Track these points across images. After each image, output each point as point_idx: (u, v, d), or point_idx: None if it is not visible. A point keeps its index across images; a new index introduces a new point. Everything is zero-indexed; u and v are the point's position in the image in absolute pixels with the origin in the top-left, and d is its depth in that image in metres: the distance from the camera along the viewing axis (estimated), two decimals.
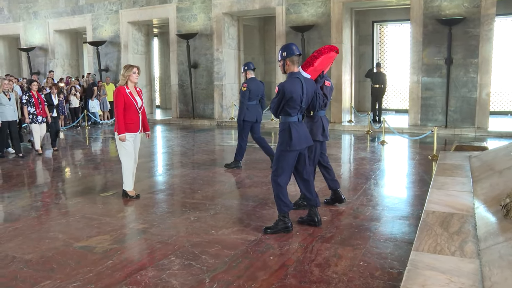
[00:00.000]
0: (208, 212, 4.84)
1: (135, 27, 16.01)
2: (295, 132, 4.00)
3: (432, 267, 2.87)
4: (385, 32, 16.38)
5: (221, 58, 14.26)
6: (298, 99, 3.97)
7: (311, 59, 4.34)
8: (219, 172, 7.01)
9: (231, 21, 14.50)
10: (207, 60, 14.52)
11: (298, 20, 13.03)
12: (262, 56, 17.94)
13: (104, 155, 9.25)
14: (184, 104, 15.16)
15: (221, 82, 14.38)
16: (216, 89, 14.47)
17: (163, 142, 11.03)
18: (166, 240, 3.99)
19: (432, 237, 3.40)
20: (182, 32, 14.61)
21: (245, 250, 3.75)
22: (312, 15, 12.89)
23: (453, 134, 10.97)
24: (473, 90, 11.31)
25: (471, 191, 4.73)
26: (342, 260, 3.51)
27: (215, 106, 14.58)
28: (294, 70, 4.05)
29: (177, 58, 14.98)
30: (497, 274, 2.59)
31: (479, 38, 11.03)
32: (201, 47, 14.54)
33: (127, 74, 5.26)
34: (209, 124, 14.12)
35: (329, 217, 4.61)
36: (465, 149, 7.48)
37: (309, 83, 4.15)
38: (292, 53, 4.02)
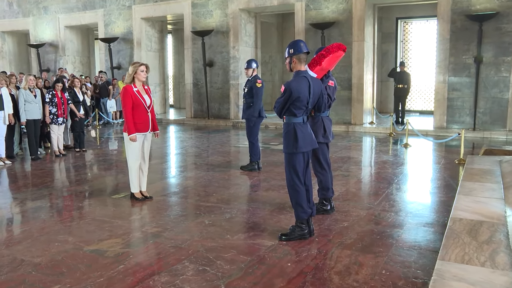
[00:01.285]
0: (223, 216, 4.85)
1: (149, 23, 16.16)
2: (300, 133, 3.97)
3: (459, 278, 2.82)
4: (410, 29, 16.23)
5: (237, 56, 14.29)
6: (305, 100, 3.92)
7: (318, 57, 4.32)
8: (235, 175, 7.02)
9: (248, 17, 14.53)
10: (223, 58, 14.57)
11: (318, 17, 12.99)
12: (279, 54, 17.93)
13: (116, 155, 9.34)
14: (198, 103, 15.23)
15: (237, 81, 14.41)
16: (232, 88, 14.50)
17: (177, 142, 11.10)
18: (179, 245, 4.00)
19: (460, 246, 3.34)
20: (197, 29, 14.69)
21: (261, 256, 3.74)
22: (332, 12, 12.83)
23: (481, 137, 10.80)
24: (504, 90, 11.11)
25: (502, 197, 4.65)
26: (363, 268, 3.47)
27: (230, 106, 14.61)
28: (301, 68, 3.99)
29: (191, 56, 15.07)
30: None
31: None
32: (216, 44, 14.60)
33: (133, 71, 5.25)
34: (225, 125, 14.15)
35: (349, 223, 4.57)
36: (495, 153, 7.36)
37: (316, 82, 4.07)
38: (299, 50, 3.96)
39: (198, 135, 12.03)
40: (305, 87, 3.92)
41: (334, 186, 5.37)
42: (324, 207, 4.88)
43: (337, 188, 5.88)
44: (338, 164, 7.61)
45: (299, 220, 4.09)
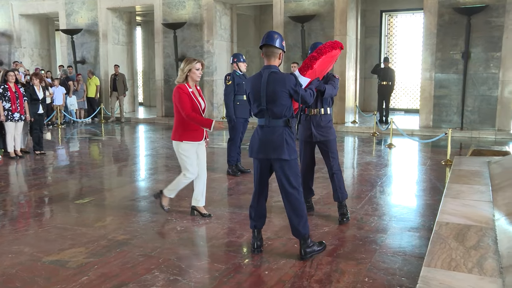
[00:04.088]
0: (197, 222, 4.83)
1: (116, 14, 15.98)
2: (252, 137, 3.93)
3: (446, 285, 2.86)
4: (395, 23, 16.45)
5: (212, 50, 14.26)
6: (254, 98, 3.82)
7: (309, 60, 4.12)
8: (209, 177, 6.95)
9: (223, 9, 14.51)
10: (196, 53, 14.50)
11: (298, 9, 13.06)
12: (257, 48, 17.92)
13: (80, 157, 9.20)
14: (170, 101, 15.11)
15: (211, 77, 14.38)
16: (206, 85, 14.46)
17: (147, 143, 11.00)
18: (149, 253, 3.97)
19: (446, 251, 3.40)
20: (168, 21, 14.61)
21: (237, 264, 3.74)
22: (313, 4, 12.91)
23: (469, 137, 11.02)
24: (494, 87, 11.35)
25: (490, 200, 4.74)
26: (345, 276, 3.50)
27: None
28: (266, 63, 3.84)
29: (163, 50, 14.97)
30: None
31: (503, 28, 11.03)
32: (189, 38, 14.54)
33: (187, 69, 4.71)
34: None
35: (330, 228, 4.60)
36: (484, 154, 7.51)
37: (276, 78, 3.74)
38: (260, 43, 3.88)
39: (169, 135, 11.88)
40: (255, 83, 3.77)
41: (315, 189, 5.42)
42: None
43: (317, 192, 5.91)
44: (319, 166, 7.63)
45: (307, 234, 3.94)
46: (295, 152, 3.82)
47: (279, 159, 3.76)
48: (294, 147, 3.82)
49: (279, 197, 5.73)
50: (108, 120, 15.16)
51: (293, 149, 3.79)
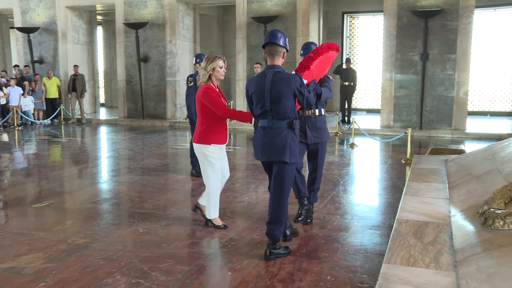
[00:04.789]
0: (160, 223, 4.78)
1: (75, 13, 15.65)
2: (254, 138, 3.95)
3: (405, 281, 2.93)
4: (356, 24, 16.72)
5: (174, 51, 14.15)
6: (257, 98, 3.79)
7: (306, 61, 4.10)
8: (172, 179, 6.94)
9: (186, 9, 14.43)
10: (159, 53, 14.37)
11: (261, 10, 13.11)
12: (221, 49, 17.92)
13: (38, 160, 8.96)
14: (132, 102, 14.94)
15: (174, 78, 14.27)
16: (169, 85, 14.34)
17: (109, 145, 10.82)
18: (110, 256, 3.90)
19: (405, 248, 3.47)
20: (130, 20, 14.41)
21: (200, 265, 3.72)
22: (276, 5, 12.99)
23: (428, 136, 11.31)
24: (450, 88, 11.69)
25: (447, 197, 4.87)
26: (308, 275, 3.53)
27: (167, 105, 14.45)
28: (269, 63, 3.82)
29: (124, 50, 14.75)
30: None
31: (457, 32, 11.41)
32: (152, 38, 14.38)
33: (211, 68, 4.47)
34: (161, 125, 13.96)
35: (292, 228, 4.63)
36: (441, 153, 7.71)
37: (280, 78, 3.73)
38: (263, 42, 3.86)
39: (132, 136, 11.79)
40: (259, 83, 3.74)
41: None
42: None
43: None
44: None
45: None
46: (295, 157, 3.78)
47: (279, 161, 3.75)
48: (296, 152, 3.79)
49: (242, 197, 5.78)
50: (68, 122, 14.84)
51: (294, 154, 3.75)
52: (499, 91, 15.68)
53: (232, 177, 6.96)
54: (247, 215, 5.11)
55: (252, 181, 6.76)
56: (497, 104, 15.76)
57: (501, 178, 4.45)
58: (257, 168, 7.67)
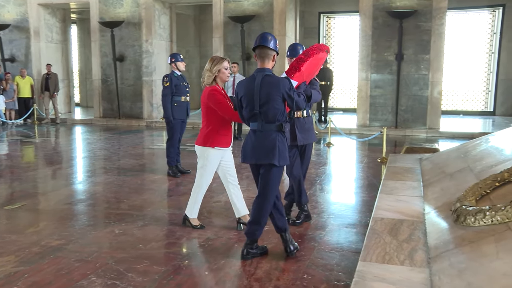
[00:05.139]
0: (136, 224, 4.74)
1: (48, 10, 15.39)
2: (244, 141, 3.91)
3: (381, 278, 2.96)
4: (333, 24, 16.85)
5: (151, 50, 14.04)
6: (247, 101, 3.77)
7: (297, 63, 4.07)
8: (149, 179, 6.89)
9: (162, 8, 14.33)
10: (135, 53, 14.24)
11: (238, 10, 13.11)
12: (197, 48, 17.86)
13: (10, 160, 8.79)
14: (108, 102, 14.77)
15: (150, 77, 14.16)
16: (145, 85, 14.23)
17: (84, 145, 10.68)
18: (85, 258, 3.85)
19: (381, 246, 3.51)
20: (105, 19, 14.24)
21: (177, 266, 3.71)
22: (253, 4, 13.00)
23: (403, 135, 11.46)
24: (424, 88, 11.88)
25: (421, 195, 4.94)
26: (285, 274, 3.55)
27: (144, 105, 14.33)
28: (259, 66, 3.79)
29: (99, 49, 14.58)
30: (447, 283, 2.72)
31: (431, 32, 11.62)
32: (128, 37, 14.24)
33: (216, 69, 4.36)
34: (137, 125, 13.85)
35: (270, 227, 4.62)
36: (416, 151, 7.83)
37: (270, 81, 3.70)
38: (253, 45, 3.84)
39: (107, 136, 11.66)
40: (248, 86, 3.72)
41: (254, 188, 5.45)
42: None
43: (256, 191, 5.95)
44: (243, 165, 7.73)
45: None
46: (285, 160, 3.75)
47: (268, 164, 3.71)
48: (286, 155, 3.76)
49: (219, 197, 5.78)
50: (42, 122, 14.59)
51: (283, 156, 3.73)
52: (471, 91, 16.01)
53: None
54: (224, 215, 5.10)
55: None
56: (470, 103, 16.08)
57: (473, 176, 4.54)
58: None
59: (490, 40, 15.39)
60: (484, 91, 15.80)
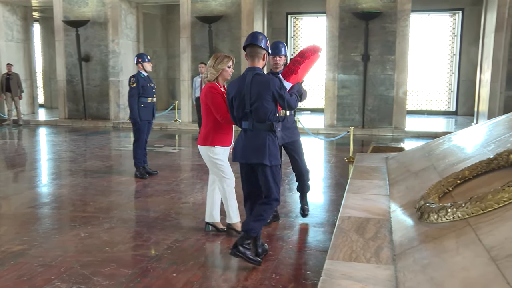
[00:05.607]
0: (102, 227, 4.67)
1: (7, 7, 14.97)
2: (236, 141, 3.89)
3: (347, 276, 3.00)
4: (300, 25, 16.96)
5: (117, 50, 13.85)
6: (238, 101, 3.74)
7: (293, 65, 4.06)
8: (116, 181, 6.80)
9: (128, 8, 14.16)
10: (101, 53, 14.02)
11: (205, 10, 13.06)
12: (165, 49, 17.72)
13: None
14: (73, 103, 14.50)
15: (117, 78, 13.97)
16: (112, 86, 14.03)
17: (48, 147, 10.45)
18: (49, 262, 3.77)
19: (348, 244, 3.55)
20: (70, 18, 13.97)
21: (144, 268, 3.67)
22: (220, 5, 12.97)
23: (370, 135, 11.63)
24: (390, 88, 12.10)
25: (387, 194, 5.03)
26: (253, 273, 3.56)
27: (110, 106, 14.13)
28: (249, 65, 3.76)
29: (64, 49, 14.29)
30: (411, 279, 2.77)
31: (396, 34, 11.84)
32: (93, 37, 14.01)
33: (221, 68, 4.24)
34: (104, 126, 13.64)
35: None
36: (382, 151, 7.95)
37: (260, 80, 3.67)
38: (244, 44, 3.81)
39: (73, 138, 11.44)
40: (239, 86, 3.69)
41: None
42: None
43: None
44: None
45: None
46: (276, 159, 3.72)
47: (259, 164, 3.68)
48: (277, 154, 3.73)
49: (187, 198, 5.75)
50: (3, 123, 14.20)
51: (274, 156, 3.70)
52: (435, 91, 16.40)
53: (177, 178, 6.92)
54: (192, 216, 5.08)
55: (198, 182, 6.73)
56: (434, 103, 16.47)
57: (436, 174, 4.64)
58: (202, 169, 7.64)
59: (452, 42, 15.80)
60: (447, 91, 16.19)
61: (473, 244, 2.74)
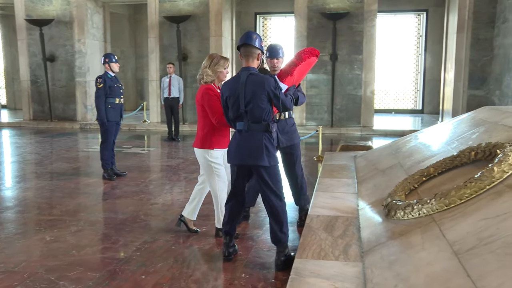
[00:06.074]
0: (69, 230, 4.59)
1: None
2: (230, 142, 3.83)
3: (316, 274, 3.02)
4: (269, 25, 17.02)
5: (84, 50, 13.62)
6: (233, 101, 3.68)
7: (289, 67, 4.03)
8: (83, 183, 6.69)
9: (95, 7, 13.93)
10: (66, 53, 13.76)
11: (173, 10, 12.97)
12: (133, 49, 17.51)
13: None
14: (39, 104, 14.19)
15: (84, 78, 13.74)
16: (79, 86, 13.79)
17: (12, 149, 10.19)
18: (12, 268, 3.67)
19: (316, 242, 3.59)
20: (32, 17, 13.67)
21: (112, 271, 3.62)
22: (188, 5, 12.91)
23: (339, 134, 11.76)
24: (358, 87, 12.26)
25: (355, 192, 5.09)
26: (222, 274, 3.55)
27: (77, 107, 13.88)
28: (244, 64, 3.71)
29: (27, 48, 13.97)
30: (378, 275, 2.81)
31: (363, 34, 12.02)
32: (58, 36, 13.74)
33: (219, 70, 4.19)
34: (71, 128, 13.39)
35: (207, 228, 4.63)
36: (351, 149, 8.06)
37: (255, 80, 3.62)
38: (238, 44, 3.78)
39: (39, 139, 11.19)
40: (234, 86, 3.63)
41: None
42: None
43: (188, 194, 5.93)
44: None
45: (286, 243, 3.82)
46: (275, 158, 3.67)
47: (257, 165, 3.61)
48: (274, 153, 3.68)
49: (156, 199, 5.70)
50: None
51: (273, 155, 3.64)
52: (402, 90, 16.71)
53: (146, 179, 6.85)
54: (162, 217, 5.04)
55: (167, 183, 6.68)
56: (401, 102, 16.78)
57: (403, 172, 4.73)
58: (171, 170, 7.60)
59: (417, 42, 16.15)
60: (413, 90, 16.53)
61: (437, 239, 2.81)
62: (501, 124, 4.53)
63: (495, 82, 11.71)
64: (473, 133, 4.75)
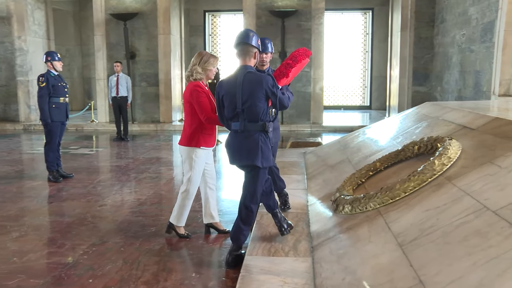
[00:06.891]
0: (10, 236, 4.40)
1: None
2: (227, 144, 3.74)
3: (266, 270, 3.04)
4: (218, 22, 16.96)
5: (25, 48, 13.12)
6: (229, 100, 3.61)
7: (285, 68, 3.99)
8: (27, 186, 6.44)
9: (35, 3, 13.44)
10: (5, 50, 13.21)
11: (120, 7, 12.71)
12: (78, 46, 17.02)
13: None
14: None
15: (26, 77, 13.23)
16: (21, 85, 13.27)
17: None
18: None
19: (267, 239, 3.61)
20: None
21: (58, 276, 3.50)
22: (136, 2, 12.68)
23: (289, 130, 11.88)
24: (307, 84, 12.43)
25: (305, 188, 5.16)
26: (173, 274, 3.51)
27: (20, 107, 13.36)
28: (241, 63, 3.64)
29: None
30: (327, 269, 2.86)
31: (311, 31, 12.19)
32: None
33: (209, 68, 4.17)
34: (13, 129, 12.89)
35: (157, 228, 4.57)
36: (301, 146, 8.16)
37: (251, 78, 3.55)
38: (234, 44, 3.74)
39: None
40: (230, 85, 3.55)
41: (142, 190, 5.35)
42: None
43: (144, 192, 5.84)
44: (146, 166, 7.58)
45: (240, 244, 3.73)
46: (268, 161, 3.59)
47: (250, 165, 3.55)
48: (269, 155, 3.60)
49: (104, 200, 5.58)
50: None
51: (266, 157, 3.56)
52: (351, 86, 17.07)
53: (94, 180, 6.68)
54: (110, 218, 4.93)
55: (116, 183, 6.54)
56: (349, 98, 17.13)
57: (351, 167, 4.83)
58: (120, 170, 7.45)
59: (364, 40, 16.54)
60: (361, 87, 16.91)
61: (383, 232, 2.88)
62: (441, 119, 4.70)
63: (436, 79, 12.17)
64: (417, 127, 4.91)
